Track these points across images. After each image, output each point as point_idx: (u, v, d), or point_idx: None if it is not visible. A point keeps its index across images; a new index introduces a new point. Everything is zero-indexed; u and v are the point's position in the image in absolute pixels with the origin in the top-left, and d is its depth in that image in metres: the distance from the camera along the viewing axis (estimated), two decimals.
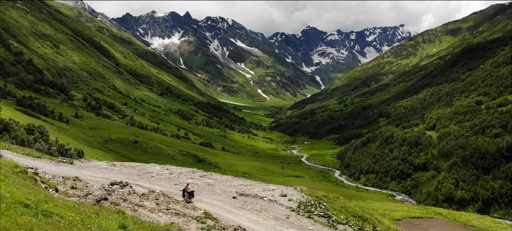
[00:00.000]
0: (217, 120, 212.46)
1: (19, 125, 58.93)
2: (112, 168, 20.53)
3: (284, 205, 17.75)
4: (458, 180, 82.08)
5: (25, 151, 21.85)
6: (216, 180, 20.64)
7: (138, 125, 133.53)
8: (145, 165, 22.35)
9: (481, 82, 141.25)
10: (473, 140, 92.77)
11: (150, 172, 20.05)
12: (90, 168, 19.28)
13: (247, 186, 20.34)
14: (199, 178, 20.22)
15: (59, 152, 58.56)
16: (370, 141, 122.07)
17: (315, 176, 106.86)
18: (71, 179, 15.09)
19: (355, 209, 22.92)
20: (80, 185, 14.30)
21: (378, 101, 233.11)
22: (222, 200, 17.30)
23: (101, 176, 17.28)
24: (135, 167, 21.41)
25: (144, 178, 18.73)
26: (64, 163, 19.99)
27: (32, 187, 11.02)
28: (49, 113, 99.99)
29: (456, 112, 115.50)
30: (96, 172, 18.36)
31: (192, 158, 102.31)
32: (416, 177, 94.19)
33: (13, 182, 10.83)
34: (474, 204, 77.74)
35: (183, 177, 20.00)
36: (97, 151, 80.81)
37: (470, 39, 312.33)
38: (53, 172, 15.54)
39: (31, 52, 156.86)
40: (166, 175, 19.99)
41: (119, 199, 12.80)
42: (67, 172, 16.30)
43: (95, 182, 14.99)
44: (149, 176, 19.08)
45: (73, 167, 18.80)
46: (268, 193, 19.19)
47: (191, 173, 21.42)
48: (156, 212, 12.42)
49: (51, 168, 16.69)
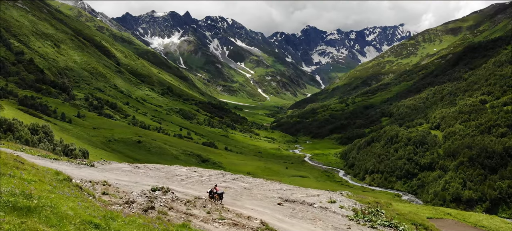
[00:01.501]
0: (218, 120, 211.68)
1: (23, 125, 58.06)
2: (136, 170, 19.27)
3: (338, 213, 16.67)
4: (465, 180, 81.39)
5: (41, 153, 20.82)
6: (251, 183, 19.64)
7: (141, 125, 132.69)
8: (170, 167, 21.19)
9: (484, 82, 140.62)
10: (479, 139, 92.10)
11: (178, 175, 18.79)
12: (114, 171, 18.13)
13: (287, 191, 19.21)
14: (232, 181, 18.98)
15: (64, 152, 57.76)
16: (375, 141, 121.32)
17: (319, 176, 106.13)
18: (100, 183, 14.16)
19: (413, 216, 21.95)
20: (111, 190, 13.42)
21: (379, 101, 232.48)
22: (267, 206, 16.17)
23: (127, 179, 16.16)
24: (161, 169, 20.20)
25: (174, 182, 17.68)
26: (85, 165, 18.92)
27: (83, 198, 10.13)
28: (51, 113, 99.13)
29: (461, 112, 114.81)
30: (121, 175, 17.23)
31: (196, 158, 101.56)
32: (422, 176, 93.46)
33: (64, 193, 10.07)
34: (481, 204, 77.07)
35: (214, 180, 18.81)
36: (101, 151, 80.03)
37: (471, 39, 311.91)
38: (78, 175, 14.55)
39: (32, 51, 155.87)
40: (196, 178, 18.75)
41: (164, 207, 11.81)
42: (92, 175, 15.26)
43: (123, 185, 14.07)
44: (178, 179, 17.80)
45: (95, 169, 17.69)
46: (313, 198, 18.12)
47: (221, 176, 20.17)
48: (210, 222, 11.37)
49: (73, 170, 15.65)
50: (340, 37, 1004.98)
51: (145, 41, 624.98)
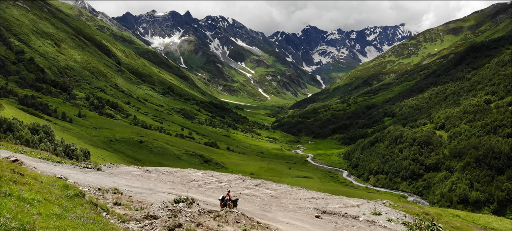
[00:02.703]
0: (220, 120, 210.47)
1: (23, 124, 56.84)
2: (148, 175, 17.39)
3: (390, 229, 14.85)
4: (472, 181, 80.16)
5: (42, 155, 19.07)
6: (276, 191, 18.04)
7: (142, 124, 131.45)
8: (184, 171, 19.36)
9: (488, 81, 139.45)
10: (486, 139, 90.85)
11: (194, 180, 16.96)
12: (123, 176, 16.33)
13: (320, 199, 17.51)
14: (255, 188, 16.99)
15: (65, 153, 56.60)
16: (378, 141, 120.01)
17: (323, 177, 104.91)
18: (110, 191, 12.53)
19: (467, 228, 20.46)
20: (124, 200, 11.83)
21: (381, 101, 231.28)
22: (304, 219, 14.29)
23: (140, 185, 14.63)
24: (174, 173, 18.31)
25: (192, 188, 15.90)
26: (91, 169, 17.10)
27: (102, 221, 7.89)
28: (52, 113, 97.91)
29: (466, 112, 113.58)
30: (132, 181, 15.67)
31: (198, 158, 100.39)
32: (427, 177, 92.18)
33: (77, 218, 7.57)
34: (489, 206, 75.86)
35: (234, 185, 16.89)
36: (103, 151, 78.86)
37: (472, 38, 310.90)
38: (85, 181, 12.81)
39: (33, 50, 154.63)
40: (214, 183, 17.20)
41: (190, 223, 10.23)
42: (100, 181, 13.53)
43: (136, 192, 12.50)
44: (196, 185, 16.21)
45: (103, 174, 15.91)
46: (354, 210, 16.56)
47: (241, 181, 18.49)
48: None
49: (78, 175, 13.97)
50: (341, 37, 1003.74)
51: (146, 40, 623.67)
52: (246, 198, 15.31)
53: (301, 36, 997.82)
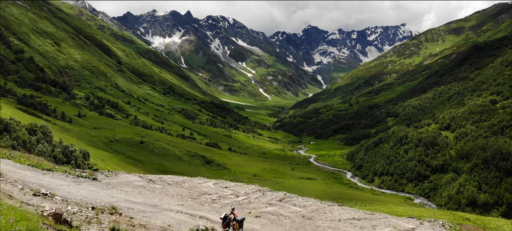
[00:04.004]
0: (221, 120, 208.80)
1: (20, 125, 55.02)
2: (151, 186, 15.09)
3: None
4: (480, 183, 78.42)
5: (32, 161, 16.60)
6: (306, 208, 15.10)
7: (143, 125, 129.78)
8: (193, 180, 16.63)
9: (493, 81, 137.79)
10: (493, 140, 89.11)
11: (206, 192, 14.24)
12: (122, 187, 13.77)
13: (364, 221, 14.73)
14: (279, 204, 14.11)
15: (64, 154, 54.91)
16: (383, 141, 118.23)
17: (327, 178, 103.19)
18: (106, 211, 10.17)
19: None
20: (123, 223, 9.46)
21: (383, 101, 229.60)
22: None
23: (142, 201, 12.33)
24: (181, 183, 15.52)
25: (205, 205, 13.41)
26: (86, 178, 14.42)
27: None
28: (51, 113, 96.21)
29: (472, 112, 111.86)
30: (133, 194, 13.31)
31: (200, 159, 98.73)
32: (434, 179, 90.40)
33: None
34: (498, 208, 74.13)
35: (254, 200, 13.97)
36: (102, 151, 77.18)
37: (474, 38, 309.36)
38: (76, 196, 10.69)
39: (32, 50, 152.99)
40: (230, 197, 14.59)
41: None
42: (95, 196, 11.45)
43: (138, 211, 9.81)
44: (209, 200, 13.66)
45: (99, 185, 13.38)
46: None
47: (261, 194, 15.69)
48: None
49: (70, 188, 11.62)
50: (342, 37, 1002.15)
51: (146, 40, 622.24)
52: (272, 218, 12.69)
53: (302, 36, 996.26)
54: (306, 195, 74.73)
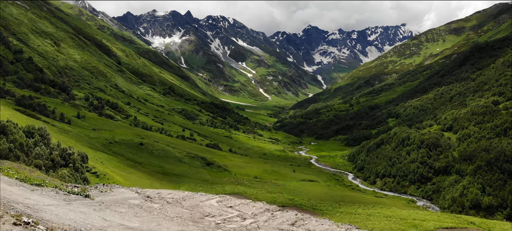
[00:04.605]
0: (221, 120, 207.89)
1: (17, 127, 54.05)
2: (148, 204, 13.85)
3: None
4: (483, 185, 77.48)
5: (21, 174, 15.20)
6: None
7: (142, 126, 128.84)
8: (194, 196, 15.06)
9: (495, 82, 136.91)
10: (497, 142, 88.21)
11: (209, 213, 12.71)
12: (117, 207, 12.17)
13: None
14: (291, 228, 12.14)
15: (62, 157, 54.05)
16: (385, 142, 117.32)
17: (328, 180, 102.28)
18: None
19: None
20: None
21: (384, 101, 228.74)
22: None
23: (138, 226, 11.16)
24: (180, 201, 14.04)
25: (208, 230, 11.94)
26: (77, 195, 13.10)
27: None
28: (50, 114, 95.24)
29: (474, 113, 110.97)
30: (128, 216, 12.03)
31: (200, 161, 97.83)
32: (437, 181, 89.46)
33: None
34: (502, 211, 73.20)
35: (263, 224, 11.37)
36: (101, 153, 76.23)
37: (475, 38, 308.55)
38: (64, 221, 8.59)
39: (31, 50, 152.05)
40: (236, 220, 13.13)
41: None
42: (85, 220, 9.40)
43: None
44: (212, 224, 12.38)
45: (91, 205, 11.92)
46: None
47: (270, 215, 13.95)
48: None
49: (58, 210, 10.23)
50: (342, 37, 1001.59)
51: (146, 40, 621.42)
52: None
53: (302, 36, 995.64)
54: (308, 197, 73.49)
